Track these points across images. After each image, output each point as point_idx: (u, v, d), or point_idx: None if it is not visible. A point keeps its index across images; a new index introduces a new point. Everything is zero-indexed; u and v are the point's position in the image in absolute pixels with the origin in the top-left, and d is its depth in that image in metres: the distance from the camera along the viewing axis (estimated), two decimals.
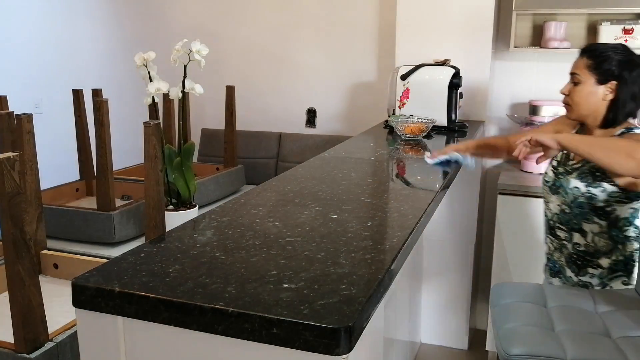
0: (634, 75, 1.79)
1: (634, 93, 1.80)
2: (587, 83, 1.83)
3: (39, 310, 1.37)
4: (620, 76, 1.79)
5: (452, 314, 3.11)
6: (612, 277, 1.89)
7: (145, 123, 1.78)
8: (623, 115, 1.83)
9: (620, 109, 1.81)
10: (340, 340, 0.88)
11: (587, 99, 1.84)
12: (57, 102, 3.60)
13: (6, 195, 1.29)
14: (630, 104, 1.81)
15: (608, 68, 1.80)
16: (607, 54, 1.81)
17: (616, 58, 1.80)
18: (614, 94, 1.81)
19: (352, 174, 1.87)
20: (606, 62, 1.80)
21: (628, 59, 1.80)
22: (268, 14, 3.63)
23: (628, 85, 1.79)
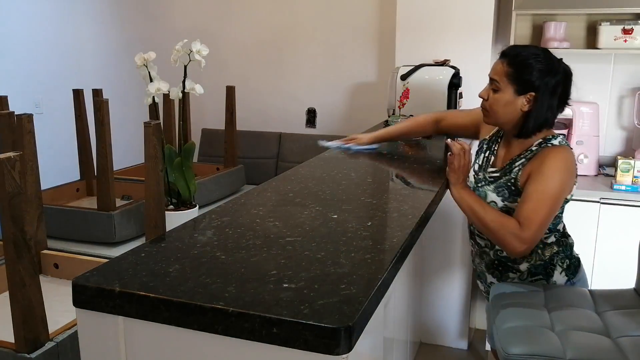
0: (552, 84, 1.73)
1: (550, 104, 1.75)
2: (505, 92, 1.77)
3: (40, 310, 1.37)
4: (539, 88, 1.73)
5: (452, 314, 3.11)
6: (532, 279, 1.89)
7: (145, 123, 1.78)
8: (538, 126, 1.78)
9: (535, 121, 1.76)
10: (340, 340, 0.88)
11: (505, 108, 1.78)
12: (58, 102, 3.60)
13: (7, 195, 1.29)
14: (546, 114, 1.76)
15: (528, 79, 1.73)
16: (529, 62, 1.74)
17: (537, 67, 1.73)
18: (531, 105, 1.75)
19: (352, 174, 1.87)
20: (526, 71, 1.73)
21: (548, 67, 1.74)
22: (268, 15, 3.64)
23: (545, 97, 1.73)
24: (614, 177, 2.64)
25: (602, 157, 2.98)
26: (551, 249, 1.87)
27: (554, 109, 1.77)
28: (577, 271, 1.91)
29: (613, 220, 2.61)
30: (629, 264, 2.26)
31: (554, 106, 1.76)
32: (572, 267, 1.91)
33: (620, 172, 2.61)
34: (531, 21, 3.01)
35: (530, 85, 1.73)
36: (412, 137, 2.40)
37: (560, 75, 1.75)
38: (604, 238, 2.62)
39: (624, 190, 2.60)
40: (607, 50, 2.78)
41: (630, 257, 2.19)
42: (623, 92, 2.98)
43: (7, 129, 1.99)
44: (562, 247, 1.88)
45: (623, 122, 3.00)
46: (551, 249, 1.87)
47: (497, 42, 3.06)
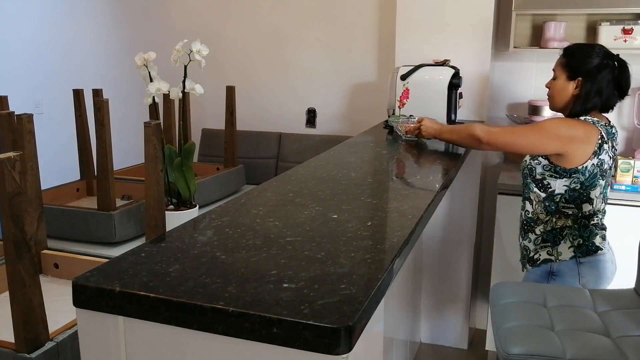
0: (601, 74, 1.99)
1: (599, 89, 2.00)
2: (560, 79, 2.08)
3: (40, 310, 1.37)
4: (586, 73, 2.00)
5: (452, 314, 3.11)
6: (542, 245, 2.11)
7: (145, 123, 1.78)
8: (584, 108, 2.02)
9: (581, 103, 2.02)
10: (340, 340, 0.88)
11: (560, 93, 2.08)
12: (58, 102, 3.60)
13: (7, 195, 1.29)
14: (594, 99, 2.01)
15: (576, 65, 2.02)
16: (579, 53, 2.04)
17: (587, 56, 2.01)
18: (579, 90, 2.02)
19: (352, 174, 1.87)
20: (575, 60, 2.03)
21: (598, 58, 2.00)
22: (268, 14, 3.64)
23: (594, 82, 1.99)
24: (614, 177, 2.64)
25: None
26: (565, 220, 2.06)
27: (602, 94, 2.00)
28: (589, 255, 2.04)
29: (613, 220, 2.61)
30: (629, 264, 2.26)
31: (602, 92, 2.00)
32: (584, 248, 2.04)
33: (620, 172, 2.61)
34: (531, 21, 3.01)
35: (578, 71, 2.02)
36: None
37: (611, 66, 1.99)
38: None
39: (624, 190, 2.61)
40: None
41: (630, 257, 2.19)
42: None
43: (7, 129, 1.99)
44: (577, 225, 2.05)
45: (623, 122, 3.00)
46: (565, 221, 2.06)
47: (497, 42, 3.06)
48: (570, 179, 2.02)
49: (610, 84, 2.00)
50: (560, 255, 2.06)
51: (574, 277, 2.04)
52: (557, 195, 2.05)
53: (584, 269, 2.03)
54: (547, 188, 2.06)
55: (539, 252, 2.11)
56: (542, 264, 2.09)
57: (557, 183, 2.04)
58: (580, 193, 2.03)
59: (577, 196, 2.03)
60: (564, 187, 2.04)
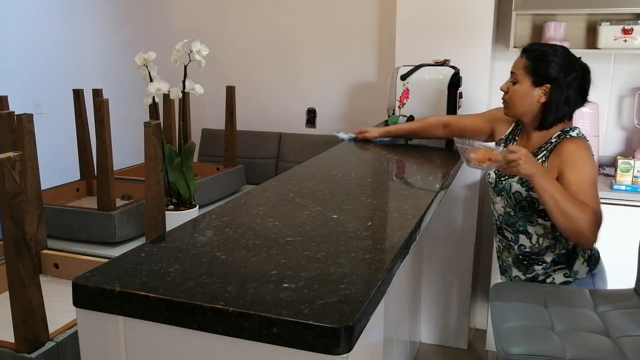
0: (569, 79, 1.82)
1: (567, 97, 1.83)
2: (523, 84, 1.87)
3: (40, 310, 1.37)
4: (554, 79, 1.82)
5: (452, 314, 3.11)
6: (555, 269, 1.94)
7: (145, 123, 1.78)
8: (555, 118, 1.86)
9: (552, 112, 1.85)
10: (340, 340, 0.88)
11: (522, 99, 1.88)
12: (58, 102, 3.60)
13: (7, 195, 1.29)
14: (563, 107, 1.84)
15: (544, 71, 1.83)
16: (545, 56, 1.84)
17: (553, 61, 1.83)
18: (547, 97, 1.84)
19: (352, 174, 1.87)
20: (542, 64, 1.83)
21: (565, 62, 1.83)
22: (268, 14, 3.64)
23: (562, 89, 1.82)
24: (614, 177, 2.64)
25: (602, 157, 2.98)
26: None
27: (570, 102, 1.85)
28: (598, 263, 1.97)
29: (613, 220, 2.61)
30: (629, 264, 2.26)
31: (570, 99, 1.85)
32: (594, 259, 1.97)
33: (620, 172, 2.61)
34: (531, 21, 3.01)
35: (546, 77, 1.83)
36: (421, 137, 2.42)
37: (577, 71, 1.84)
38: (603, 238, 2.61)
39: (624, 190, 2.60)
40: (607, 50, 2.78)
41: (630, 257, 2.19)
42: (623, 92, 2.98)
43: (7, 129, 1.99)
44: None
45: (623, 122, 3.00)
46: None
47: (497, 42, 3.06)
48: None
49: (576, 91, 1.85)
50: (578, 274, 1.94)
51: None
52: None
53: (597, 280, 1.96)
54: None
55: (552, 275, 1.95)
56: None
57: None
58: None
59: None
60: None
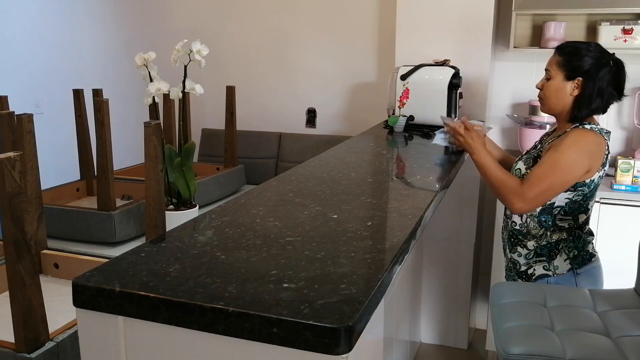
0: (601, 73, 1.88)
1: (600, 89, 1.88)
2: (556, 78, 1.94)
3: (40, 310, 1.37)
4: (586, 73, 1.88)
5: (452, 314, 3.11)
6: (536, 260, 2.00)
7: (145, 123, 1.78)
8: (589, 110, 1.91)
9: (584, 105, 1.90)
10: (340, 340, 0.88)
11: (556, 93, 1.94)
12: (58, 102, 3.61)
13: (7, 195, 1.29)
14: (596, 100, 1.89)
15: (575, 65, 1.90)
16: (577, 51, 1.91)
17: (585, 55, 1.89)
18: (580, 90, 1.90)
19: (352, 174, 1.87)
20: (574, 59, 1.90)
21: (596, 57, 1.89)
22: (268, 14, 3.64)
23: (594, 82, 1.88)
24: (614, 177, 2.64)
25: None
26: (560, 234, 1.97)
27: (604, 95, 1.90)
28: (586, 264, 1.98)
29: (613, 220, 2.61)
30: (629, 264, 2.26)
31: (603, 92, 1.89)
32: (580, 259, 1.97)
33: (620, 172, 2.61)
34: (531, 21, 3.01)
35: (577, 71, 1.89)
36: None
37: (610, 65, 1.89)
38: (604, 238, 2.62)
39: (624, 190, 2.60)
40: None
41: (630, 257, 2.19)
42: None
43: (7, 129, 1.99)
44: (572, 237, 1.97)
45: (623, 122, 3.00)
46: (560, 234, 1.97)
47: (497, 42, 3.06)
48: (575, 192, 1.91)
49: (609, 84, 1.89)
50: (558, 269, 1.98)
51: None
52: (556, 208, 1.94)
53: (581, 279, 1.97)
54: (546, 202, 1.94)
55: (532, 267, 2.01)
56: (538, 279, 2.00)
57: (558, 197, 1.91)
58: (580, 204, 1.95)
59: (576, 207, 1.95)
60: (565, 200, 1.92)
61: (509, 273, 2.12)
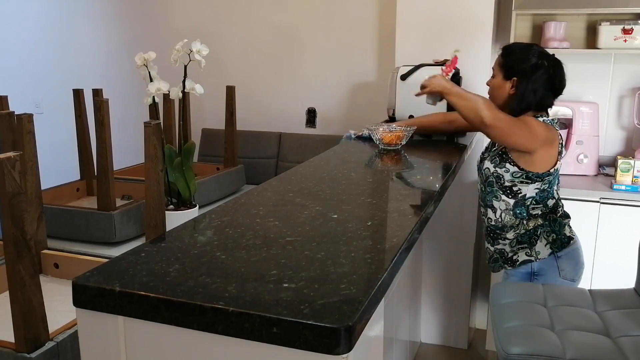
0: (536, 74, 2.00)
1: (533, 88, 2.01)
2: (497, 78, 2.09)
3: (40, 309, 1.37)
4: (520, 72, 2.01)
5: (452, 314, 3.11)
6: (519, 247, 2.10)
7: (145, 123, 1.78)
8: (521, 107, 2.03)
9: (517, 102, 2.03)
10: (340, 340, 0.88)
11: (497, 91, 2.10)
12: (58, 102, 3.61)
13: (7, 195, 1.29)
14: (528, 97, 2.02)
15: (511, 65, 2.04)
16: (515, 52, 2.06)
17: (522, 57, 2.02)
18: (515, 89, 2.04)
19: (352, 174, 1.87)
20: (512, 60, 2.05)
21: (534, 58, 2.01)
22: (268, 14, 3.64)
23: (528, 83, 2.00)
24: (614, 177, 2.64)
25: (602, 157, 2.98)
26: (536, 221, 2.07)
27: (537, 94, 2.02)
28: (565, 247, 2.07)
29: (613, 220, 2.61)
30: (629, 264, 2.26)
31: (537, 91, 2.01)
32: (559, 242, 2.07)
33: (620, 172, 2.61)
34: (531, 21, 3.01)
35: (513, 71, 2.04)
36: (428, 132, 2.53)
37: (546, 67, 2.00)
38: (604, 238, 2.62)
39: (624, 190, 2.60)
40: (607, 50, 2.78)
41: (630, 257, 2.19)
42: (623, 92, 2.98)
43: (7, 129, 1.99)
44: (548, 222, 2.07)
45: (623, 122, 3.00)
46: (536, 221, 2.07)
47: (497, 42, 3.06)
48: (542, 182, 2.03)
49: (544, 84, 2.01)
50: (539, 254, 2.06)
51: (555, 272, 2.07)
52: (528, 199, 2.05)
53: (562, 262, 2.06)
54: (517, 194, 2.05)
55: (517, 253, 2.10)
56: (522, 265, 2.09)
57: (528, 188, 2.04)
58: (547, 192, 2.06)
59: (545, 195, 2.06)
60: (535, 191, 2.04)
61: (496, 263, 2.19)
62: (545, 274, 2.06)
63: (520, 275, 2.10)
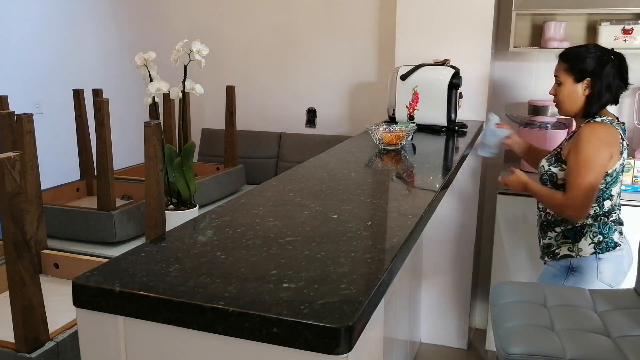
0: (606, 69, 2.05)
1: (608, 84, 2.06)
2: (566, 83, 2.12)
3: (40, 309, 1.37)
4: (592, 72, 2.06)
5: (452, 314, 3.11)
6: (562, 242, 2.15)
7: (145, 123, 1.78)
8: (600, 105, 2.09)
9: (596, 101, 2.08)
10: (340, 340, 0.88)
11: (570, 96, 2.12)
12: (58, 102, 3.60)
13: (7, 195, 1.29)
14: (606, 94, 2.07)
15: (581, 67, 2.08)
16: (579, 54, 2.10)
17: (587, 57, 2.08)
18: (590, 89, 2.08)
19: (352, 174, 1.87)
20: (579, 62, 2.09)
21: (598, 56, 2.07)
22: (268, 14, 3.64)
23: (601, 79, 2.06)
24: None
25: None
26: (586, 219, 2.09)
27: (612, 88, 2.07)
28: (609, 251, 2.08)
29: None
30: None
31: (611, 85, 2.07)
32: (604, 245, 2.08)
33: None
34: (531, 21, 3.01)
35: (585, 72, 2.08)
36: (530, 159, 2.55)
37: (612, 61, 2.06)
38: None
39: (624, 190, 2.60)
40: None
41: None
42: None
43: (7, 129, 1.99)
44: (597, 223, 2.09)
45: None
46: (585, 220, 2.10)
47: (497, 42, 3.06)
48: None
49: (615, 77, 2.06)
50: (581, 252, 2.09)
51: (593, 272, 2.07)
52: None
53: (602, 264, 2.06)
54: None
55: (560, 247, 2.14)
56: (562, 259, 2.13)
57: None
58: (603, 192, 2.07)
59: (600, 195, 2.06)
60: None
61: (542, 257, 2.25)
62: (583, 272, 2.08)
63: (558, 267, 2.14)
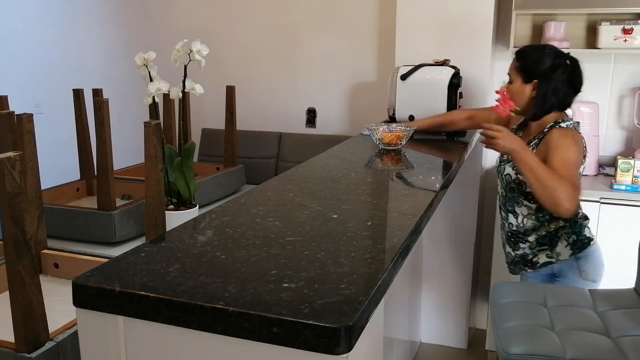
0: (556, 74, 1.99)
1: (555, 89, 2.00)
2: (516, 82, 2.08)
3: (40, 309, 1.37)
4: (541, 75, 2.01)
5: (451, 314, 3.11)
6: (539, 249, 2.09)
7: (145, 123, 1.78)
8: (544, 109, 2.03)
9: (541, 104, 2.02)
10: (340, 340, 0.88)
11: (517, 96, 2.08)
12: (58, 102, 3.60)
13: (7, 195, 1.29)
14: (551, 98, 2.01)
15: (530, 68, 2.03)
16: (531, 55, 2.05)
17: (539, 59, 2.02)
18: (536, 91, 2.03)
19: (352, 174, 1.87)
20: (529, 63, 2.04)
21: (550, 58, 2.01)
22: (268, 14, 3.64)
23: (549, 83, 2.00)
24: (614, 177, 2.65)
25: (602, 157, 2.98)
26: (557, 222, 2.05)
27: (558, 94, 2.01)
28: (585, 248, 2.05)
29: (613, 220, 2.61)
30: (629, 264, 2.26)
31: (558, 91, 2.01)
32: (579, 244, 2.05)
33: (620, 172, 2.61)
34: (531, 21, 3.01)
35: (533, 73, 2.02)
36: (447, 129, 2.52)
37: (564, 66, 2.00)
38: (604, 238, 2.62)
39: (624, 190, 2.61)
40: (607, 50, 2.78)
41: (630, 257, 2.19)
42: (623, 92, 2.98)
43: (7, 129, 1.99)
44: (569, 223, 2.05)
45: (623, 122, 3.00)
46: (557, 223, 2.05)
47: (497, 42, 3.06)
48: None
49: (564, 83, 2.01)
50: (560, 256, 2.05)
51: (575, 273, 2.06)
52: None
53: (582, 263, 2.05)
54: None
55: (537, 255, 2.10)
56: (543, 266, 2.08)
57: None
58: None
59: None
60: None
61: (516, 266, 2.19)
62: (565, 276, 2.06)
63: (540, 277, 2.09)
